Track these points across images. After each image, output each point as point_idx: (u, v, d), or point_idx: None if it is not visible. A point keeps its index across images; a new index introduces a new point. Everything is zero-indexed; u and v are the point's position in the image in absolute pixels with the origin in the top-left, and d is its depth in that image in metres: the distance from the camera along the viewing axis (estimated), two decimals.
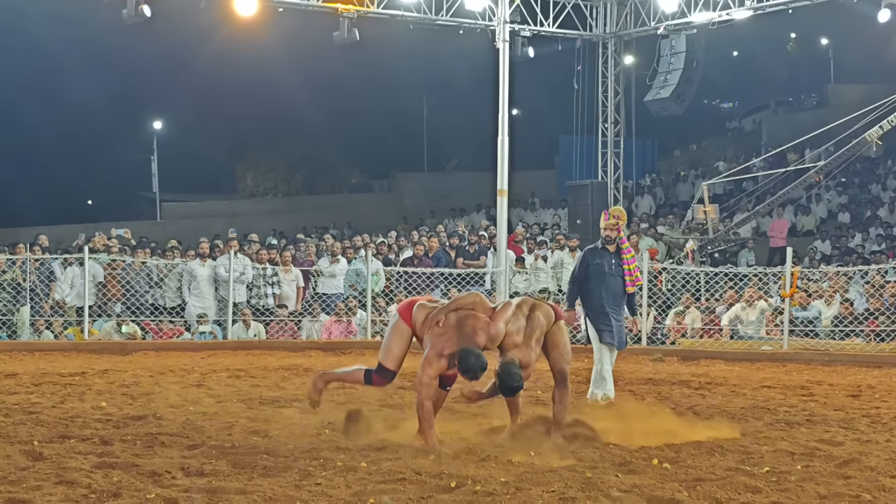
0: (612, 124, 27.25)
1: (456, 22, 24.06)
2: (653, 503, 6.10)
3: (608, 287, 10.89)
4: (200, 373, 13.54)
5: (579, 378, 12.30)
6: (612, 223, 10.97)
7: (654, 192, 34.72)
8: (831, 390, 12.33)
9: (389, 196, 46.76)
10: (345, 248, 21.72)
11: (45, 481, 6.35)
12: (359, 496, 6.07)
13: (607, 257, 10.96)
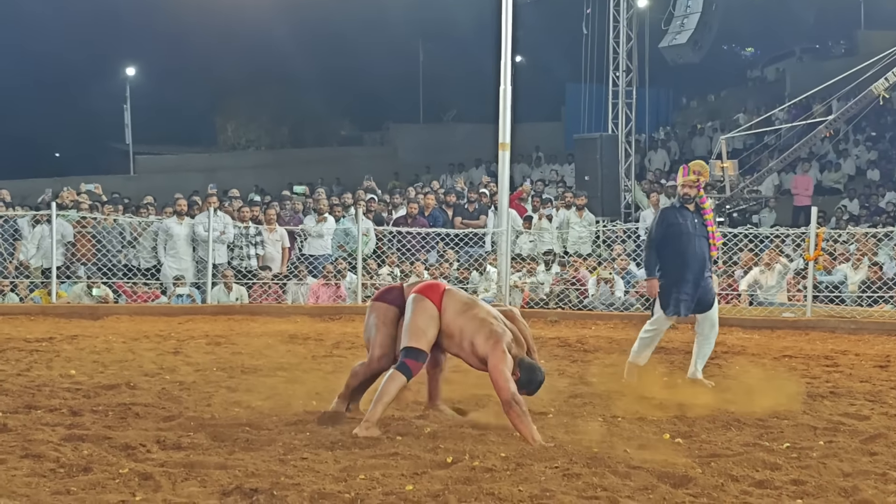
0: (624, 73, 27.15)
1: None
2: (664, 480, 6.12)
3: (693, 249, 10.24)
4: (178, 339, 13.55)
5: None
6: (691, 179, 10.36)
7: (668, 146, 34.67)
8: (857, 360, 12.34)
9: (382, 149, 46.74)
10: (332, 205, 21.68)
11: (9, 454, 6.37)
12: (348, 472, 6.09)
13: (689, 217, 10.32)
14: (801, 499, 5.81)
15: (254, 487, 5.67)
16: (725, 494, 5.86)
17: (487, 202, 22.31)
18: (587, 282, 19.54)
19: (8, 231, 18.57)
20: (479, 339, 7.29)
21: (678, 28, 27.87)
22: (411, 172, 34.62)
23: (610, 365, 11.56)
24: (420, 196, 23.10)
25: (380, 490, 5.71)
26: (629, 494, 5.79)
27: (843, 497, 5.87)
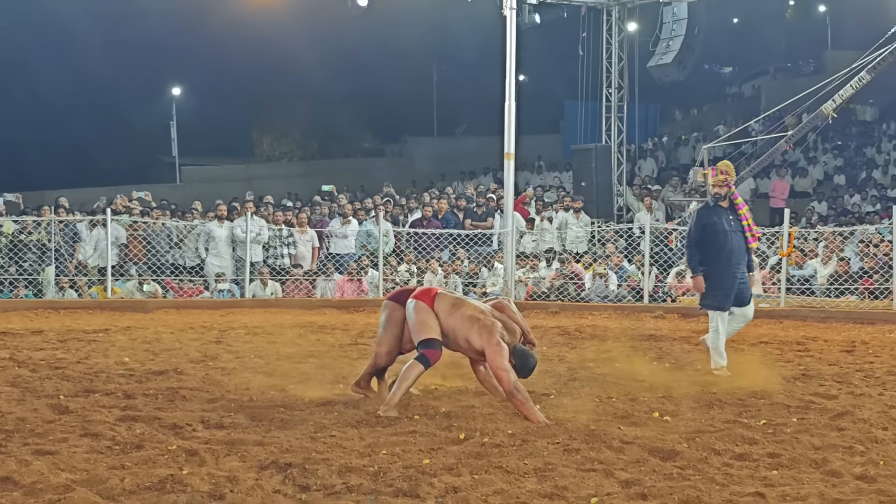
0: (616, 90, 27.11)
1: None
2: (653, 454, 6.12)
3: (730, 245, 9.87)
4: (219, 329, 13.58)
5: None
6: (720, 179, 10.05)
7: (656, 155, 34.60)
8: (826, 346, 12.33)
9: (400, 160, 46.69)
10: (356, 209, 21.70)
11: (70, 434, 6.39)
12: (371, 448, 6.10)
13: (723, 214, 9.97)
14: (777, 470, 5.81)
15: (288, 462, 5.68)
16: (709, 466, 5.86)
17: (494, 206, 22.29)
18: (584, 277, 19.54)
19: (68, 234, 18.62)
20: (472, 336, 7.29)
21: (664, 49, 27.77)
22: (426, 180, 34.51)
23: (605, 351, 11.56)
24: (434, 201, 23.07)
25: (400, 464, 5.71)
26: (622, 467, 5.79)
27: (814, 468, 5.87)
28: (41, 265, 18.07)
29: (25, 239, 18.20)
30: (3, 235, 18.15)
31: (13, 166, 41.23)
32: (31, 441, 6.16)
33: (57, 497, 4.97)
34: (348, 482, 5.33)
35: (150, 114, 49.94)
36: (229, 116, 51.25)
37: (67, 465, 5.58)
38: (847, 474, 5.71)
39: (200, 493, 5.09)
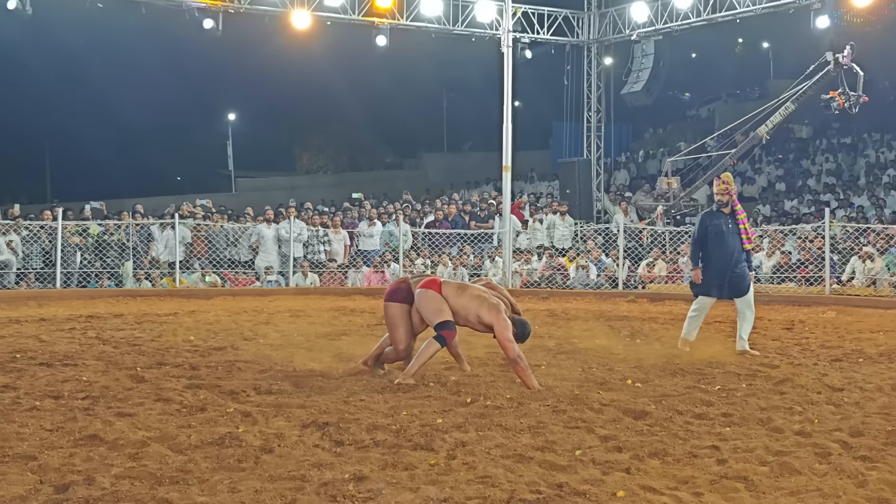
0: (595, 113, 27.07)
1: (469, 31, 23.97)
2: (627, 414, 6.12)
3: (729, 245, 9.60)
4: (268, 313, 13.61)
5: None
6: (722, 188, 9.89)
7: (628, 167, 34.55)
8: (770, 324, 12.32)
9: (416, 172, 46.66)
10: (380, 213, 21.73)
11: (146, 399, 6.42)
12: (394, 409, 6.11)
13: (724, 218, 9.74)
14: (729, 427, 5.81)
15: (325, 421, 5.69)
16: (673, 424, 5.86)
17: (495, 210, 22.30)
18: (568, 268, 19.55)
19: (143, 235, 18.68)
20: (482, 312, 7.25)
21: (635, 79, 27.75)
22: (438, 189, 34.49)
23: (586, 329, 11.56)
24: (444, 206, 23.07)
25: (417, 423, 5.72)
26: (601, 425, 5.79)
27: (761, 425, 5.86)
28: (121, 260, 18.14)
29: (108, 239, 18.27)
30: (89, 236, 18.20)
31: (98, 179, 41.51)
32: (113, 405, 6.18)
33: (135, 451, 4.99)
34: (375, 438, 5.34)
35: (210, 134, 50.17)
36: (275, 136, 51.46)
37: (143, 424, 5.61)
38: (787, 430, 5.71)
39: (253, 447, 5.11)
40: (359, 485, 4.44)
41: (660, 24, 24.89)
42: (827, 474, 4.77)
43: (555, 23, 25.69)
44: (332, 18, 22.70)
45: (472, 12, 23.75)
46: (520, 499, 4.27)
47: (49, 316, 12.70)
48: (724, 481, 4.62)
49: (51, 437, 5.28)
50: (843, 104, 21.47)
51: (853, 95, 21.38)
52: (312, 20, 22.32)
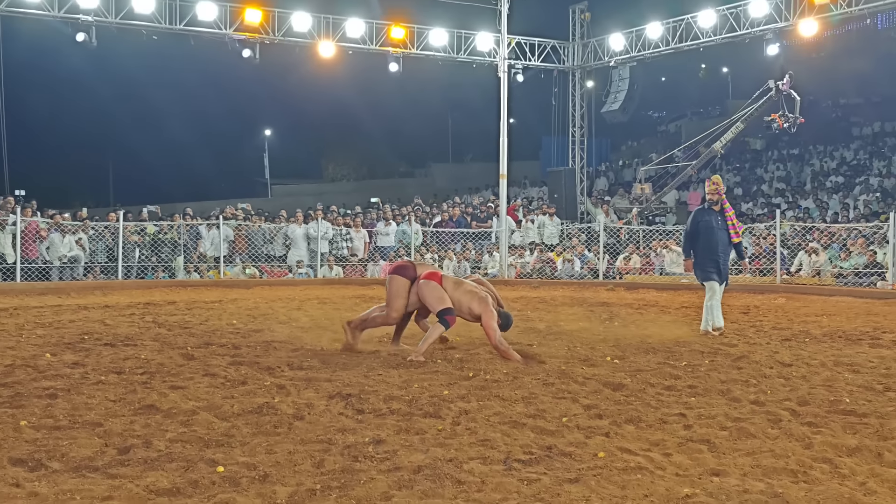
0: (579, 128, 27.04)
1: (470, 59, 23.98)
2: (607, 386, 6.12)
3: (717, 238, 9.43)
4: (299, 300, 13.62)
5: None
6: (712, 188, 9.65)
7: (607, 175, 34.57)
8: (729, 309, 12.26)
9: (425, 179, 46.68)
10: (395, 215, 21.74)
11: (195, 374, 6.43)
12: (407, 383, 6.12)
13: (714, 215, 9.52)
14: (694, 397, 5.80)
15: (348, 393, 5.70)
16: (646, 394, 5.85)
17: (493, 212, 22.30)
18: (556, 262, 19.55)
19: (192, 234, 18.74)
20: (473, 305, 7.37)
21: (613, 99, 27.74)
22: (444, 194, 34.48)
23: (572, 314, 11.56)
24: (450, 208, 23.09)
25: (427, 394, 5.73)
26: (585, 395, 5.79)
27: (721, 395, 5.86)
28: (174, 256, 18.18)
29: (162, 237, 18.33)
30: (147, 235, 18.24)
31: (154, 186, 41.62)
32: (167, 379, 6.20)
33: (186, 418, 5.00)
34: (391, 407, 5.34)
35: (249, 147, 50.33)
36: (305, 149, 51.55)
37: (193, 395, 5.62)
38: (744, 400, 5.70)
39: (287, 414, 5.11)
40: (377, 447, 4.45)
41: (634, 52, 24.92)
42: (778, 438, 4.77)
43: (544, 51, 25.70)
44: (353, 48, 22.73)
45: (473, 42, 23.79)
46: (515, 459, 4.27)
47: (112, 303, 12.74)
48: (689, 443, 4.62)
49: (114, 407, 5.29)
50: (782, 125, 22.00)
51: (791, 117, 21.86)
52: (336, 49, 22.37)
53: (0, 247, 16.13)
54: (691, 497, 3.76)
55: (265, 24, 21.63)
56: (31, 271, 16.22)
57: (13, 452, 4.26)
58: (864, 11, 20.38)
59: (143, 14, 20.53)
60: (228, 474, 3.99)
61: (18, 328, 9.27)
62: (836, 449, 4.55)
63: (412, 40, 23.20)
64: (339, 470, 4.08)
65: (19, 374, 6.35)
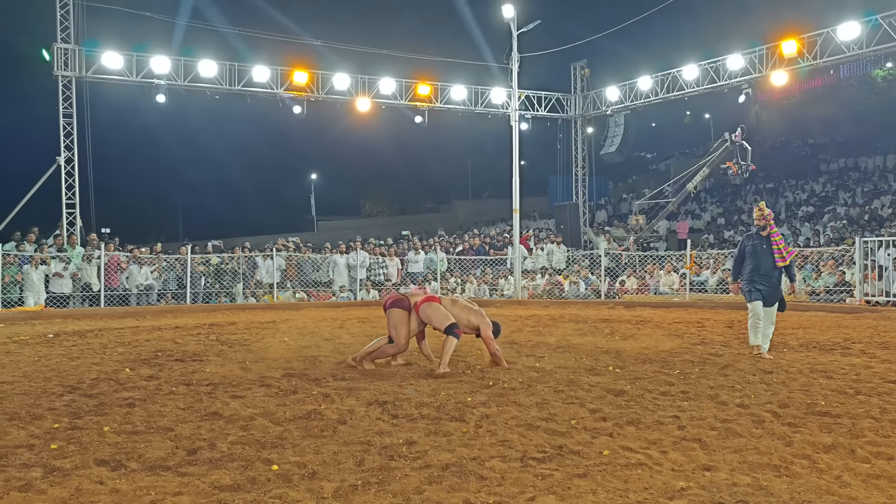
0: (581, 168, 27.02)
1: (486, 110, 24.11)
2: (610, 393, 6.06)
3: (762, 262, 8.47)
4: (342, 320, 13.62)
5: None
6: (758, 214, 8.70)
7: (606, 208, 34.46)
8: (716, 324, 12.16)
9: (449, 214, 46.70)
10: (423, 245, 21.78)
11: (252, 385, 6.44)
12: (435, 391, 6.09)
13: (760, 240, 8.57)
14: (686, 402, 5.73)
15: (385, 400, 5.69)
16: (644, 399, 5.79)
17: (508, 241, 22.28)
18: (563, 284, 19.44)
19: (250, 263, 18.84)
20: (471, 318, 7.39)
21: (610, 143, 27.72)
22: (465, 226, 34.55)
23: (578, 329, 11.47)
24: (470, 238, 23.11)
25: (453, 400, 5.70)
26: (591, 401, 5.74)
27: (710, 400, 5.78)
28: (234, 283, 18.29)
29: (224, 267, 18.44)
30: (211, 265, 18.38)
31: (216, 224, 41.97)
32: (229, 389, 6.21)
33: (245, 423, 5.01)
34: (421, 412, 5.32)
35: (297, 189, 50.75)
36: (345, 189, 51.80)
37: (251, 403, 5.63)
38: (731, 403, 5.62)
39: (331, 419, 5.10)
40: (410, 447, 4.43)
41: (628, 102, 24.96)
42: (762, 436, 4.70)
43: (549, 102, 25.80)
44: (386, 103, 22.96)
45: (488, 96, 23.93)
46: (530, 457, 4.23)
47: (181, 324, 12.82)
48: (683, 442, 4.56)
49: (183, 414, 5.31)
50: (736, 172, 22.28)
51: (744, 165, 22.22)
52: (371, 104, 22.61)
53: (87, 277, 16.32)
54: (686, 490, 3.71)
55: (311, 83, 21.92)
56: (112, 298, 16.38)
57: (97, 454, 4.28)
58: (828, 63, 20.34)
59: (208, 77, 20.91)
60: (282, 472, 3.98)
61: (102, 347, 9.35)
62: (814, 446, 4.47)
63: (436, 95, 23.38)
64: (378, 468, 4.06)
65: (103, 386, 6.40)
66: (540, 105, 25.53)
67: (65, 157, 19.51)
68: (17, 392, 6.12)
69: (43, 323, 13.09)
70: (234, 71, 21.24)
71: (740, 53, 21.73)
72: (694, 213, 30.98)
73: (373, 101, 22.64)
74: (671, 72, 23.45)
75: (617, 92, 25.18)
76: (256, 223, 44.23)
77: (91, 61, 19.79)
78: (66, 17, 19.51)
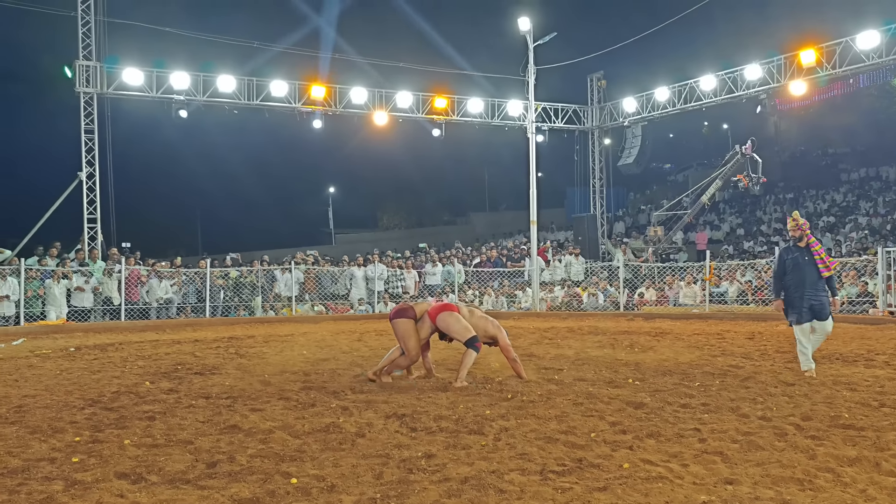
0: (598, 180, 26.98)
1: (503, 123, 24.15)
2: (630, 405, 6.01)
3: (802, 276, 7.77)
4: (360, 333, 13.63)
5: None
6: (792, 225, 8.04)
7: (624, 219, 34.30)
8: (736, 336, 12.04)
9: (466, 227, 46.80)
10: (441, 258, 21.79)
11: (272, 398, 6.45)
12: (454, 404, 6.08)
13: (799, 252, 7.87)
14: (707, 414, 5.67)
15: (403, 413, 5.68)
16: (664, 412, 5.74)
17: (525, 253, 22.24)
18: (582, 295, 19.35)
19: (268, 277, 18.91)
20: (489, 328, 7.37)
21: (627, 154, 27.66)
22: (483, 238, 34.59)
23: (597, 341, 11.41)
24: (487, 251, 23.10)
25: (472, 413, 5.68)
26: (610, 414, 5.70)
27: (731, 412, 5.72)
28: (253, 296, 18.37)
29: (243, 280, 18.53)
30: (230, 279, 18.48)
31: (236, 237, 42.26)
32: (248, 403, 6.23)
33: (264, 436, 5.02)
34: (440, 425, 5.31)
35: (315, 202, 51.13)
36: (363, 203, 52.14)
37: (270, 416, 5.64)
38: (752, 416, 5.56)
39: (350, 432, 5.10)
40: (429, 460, 4.41)
41: (645, 113, 24.92)
42: (785, 449, 4.64)
43: (566, 114, 25.80)
44: (403, 116, 23.06)
45: (505, 109, 23.99)
46: (550, 470, 4.21)
47: (201, 338, 12.88)
48: (704, 455, 4.52)
49: (203, 427, 5.33)
50: (747, 184, 22.24)
51: (755, 177, 22.22)
52: (389, 118, 22.72)
53: (108, 291, 16.47)
54: (708, 503, 3.66)
55: (328, 98, 22.08)
56: (133, 311, 16.51)
57: (118, 467, 4.31)
58: (847, 72, 20.20)
59: (226, 92, 21.12)
60: (301, 485, 3.98)
61: (122, 360, 9.42)
62: (838, 459, 4.41)
63: (453, 108, 23.45)
64: (396, 481, 4.05)
65: (123, 399, 6.44)
66: (557, 117, 25.54)
67: (86, 172, 19.75)
68: (39, 405, 6.18)
69: (65, 336, 13.21)
70: (253, 86, 21.44)
71: (758, 63, 21.64)
72: (713, 224, 30.79)
73: (390, 115, 22.76)
74: (688, 82, 23.39)
75: (634, 103, 25.16)
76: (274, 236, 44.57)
77: (112, 78, 20.06)
78: (88, 35, 19.80)
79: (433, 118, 23.16)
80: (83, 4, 19.69)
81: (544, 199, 23.00)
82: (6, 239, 18.24)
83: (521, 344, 11.04)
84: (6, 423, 5.51)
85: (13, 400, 6.46)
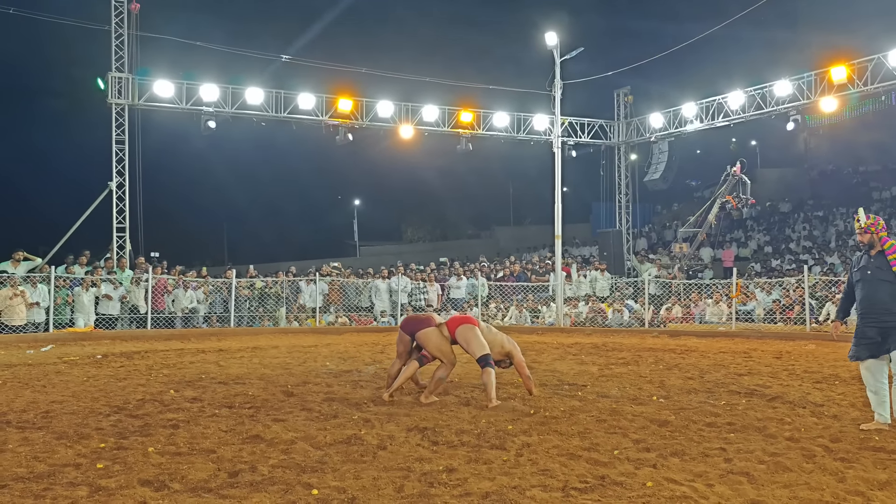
0: (624, 195, 26.83)
1: (528, 137, 24.14)
2: (653, 422, 5.95)
3: (869, 293, 5.90)
4: (383, 344, 13.65)
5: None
6: (857, 227, 6.19)
7: (650, 235, 34.08)
8: (763, 354, 11.88)
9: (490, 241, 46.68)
10: (464, 271, 21.77)
11: (294, 408, 6.48)
12: (476, 418, 6.05)
13: (868, 261, 5.99)
14: (733, 433, 5.59)
15: (425, 426, 5.66)
16: (689, 430, 5.67)
17: (550, 268, 22.14)
18: (607, 311, 19.21)
19: (293, 288, 19.01)
20: (504, 343, 7.42)
21: (654, 170, 27.48)
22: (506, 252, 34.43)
23: (621, 358, 11.31)
24: (511, 265, 23.04)
25: (494, 428, 5.65)
26: (634, 431, 5.64)
27: (758, 432, 5.63)
28: (277, 307, 18.46)
29: (268, 291, 18.64)
30: (255, 289, 18.60)
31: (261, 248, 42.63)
32: (271, 413, 6.26)
33: (286, 447, 5.03)
34: (462, 439, 5.28)
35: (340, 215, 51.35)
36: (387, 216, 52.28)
37: (293, 427, 5.65)
38: (780, 436, 5.47)
39: (372, 445, 5.10)
40: (450, 474, 4.39)
41: (672, 129, 24.79)
42: (813, 472, 4.55)
43: (593, 129, 25.75)
44: (429, 130, 23.15)
45: (530, 123, 24.00)
46: (572, 487, 4.17)
47: (225, 347, 12.97)
48: (730, 475, 4.45)
49: (226, 437, 5.36)
50: (735, 205, 22.13)
51: (743, 198, 22.13)
52: (414, 132, 22.82)
53: (134, 299, 16.65)
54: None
55: (355, 111, 22.24)
56: (159, 320, 16.67)
57: (141, 475, 4.34)
58: (878, 90, 19.95)
59: (254, 104, 21.35)
60: (322, 496, 3.98)
61: (148, 368, 9.51)
62: (868, 483, 4.32)
63: (478, 122, 23.50)
64: (417, 494, 4.03)
65: (148, 407, 6.50)
66: (583, 131, 25.49)
67: (116, 182, 20.03)
68: (65, 411, 6.25)
69: (92, 344, 13.37)
70: (281, 98, 21.66)
71: (788, 79, 21.44)
72: (740, 242, 30.48)
73: (416, 128, 22.86)
74: (716, 98, 23.24)
75: (661, 119, 25.04)
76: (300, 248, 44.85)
77: (143, 89, 20.37)
78: (121, 48, 20.15)
79: (459, 132, 23.23)
80: (117, 18, 20.06)
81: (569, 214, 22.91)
82: (37, 247, 18.52)
83: (545, 359, 10.98)
84: (34, 428, 5.59)
85: (41, 405, 6.54)
